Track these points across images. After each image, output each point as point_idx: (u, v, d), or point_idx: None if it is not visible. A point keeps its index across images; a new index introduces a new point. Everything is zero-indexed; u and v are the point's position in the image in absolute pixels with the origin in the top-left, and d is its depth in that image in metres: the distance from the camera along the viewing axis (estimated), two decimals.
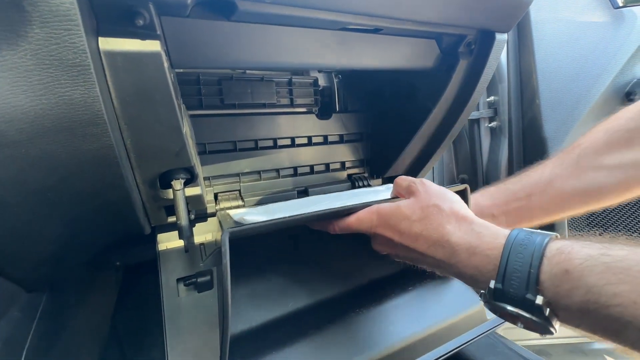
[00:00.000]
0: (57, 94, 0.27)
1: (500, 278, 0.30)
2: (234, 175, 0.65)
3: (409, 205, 0.40)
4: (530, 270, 0.28)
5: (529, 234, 0.31)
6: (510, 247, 0.31)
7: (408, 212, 0.39)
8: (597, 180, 0.47)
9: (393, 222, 0.40)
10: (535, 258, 0.28)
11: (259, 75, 0.68)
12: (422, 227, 0.37)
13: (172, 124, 0.38)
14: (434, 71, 0.61)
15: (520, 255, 0.29)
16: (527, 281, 0.28)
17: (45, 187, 0.31)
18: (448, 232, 0.36)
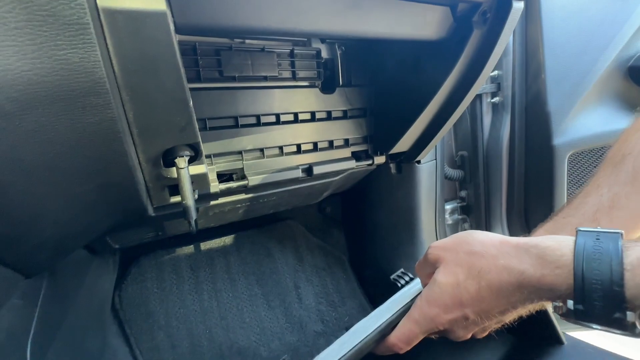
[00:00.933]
0: (53, 56, 0.23)
1: (579, 299, 0.27)
2: (236, 152, 0.62)
3: (443, 274, 0.35)
4: (614, 289, 0.26)
5: (595, 240, 0.28)
6: (583, 263, 0.27)
7: (449, 280, 0.34)
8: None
9: (446, 302, 0.34)
10: (615, 273, 0.26)
11: (259, 46, 0.64)
12: (476, 281, 0.33)
13: (178, 95, 0.34)
14: (445, 42, 0.58)
15: (596, 272, 0.26)
16: (612, 300, 0.26)
17: (41, 164, 0.28)
18: (505, 267, 0.31)
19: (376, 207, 0.96)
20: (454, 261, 0.35)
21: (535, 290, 0.30)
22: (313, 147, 0.71)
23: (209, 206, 0.65)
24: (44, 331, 0.39)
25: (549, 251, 0.30)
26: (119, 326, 0.72)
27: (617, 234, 0.29)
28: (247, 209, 0.74)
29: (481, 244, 0.34)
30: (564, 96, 0.80)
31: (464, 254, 0.35)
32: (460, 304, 0.34)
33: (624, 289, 0.25)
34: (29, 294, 0.38)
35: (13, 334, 0.34)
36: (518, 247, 0.32)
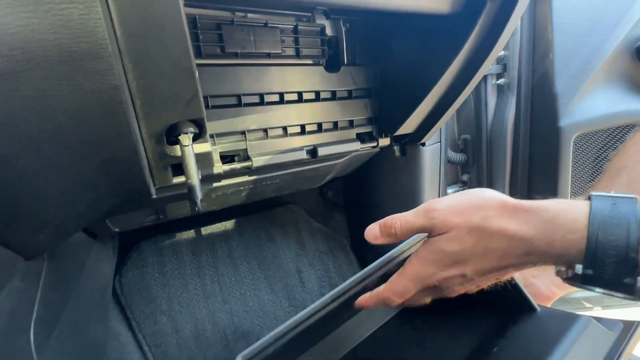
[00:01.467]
0: (51, 10, 0.21)
1: (589, 264, 0.27)
2: (239, 133, 0.60)
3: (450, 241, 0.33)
4: (629, 255, 0.25)
5: (612, 205, 0.27)
6: (598, 228, 0.27)
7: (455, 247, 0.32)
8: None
9: (446, 263, 0.33)
10: (633, 238, 0.25)
11: (261, 20, 0.61)
12: (483, 245, 0.31)
13: (184, 64, 0.32)
14: (456, 17, 0.56)
15: (612, 237, 0.26)
16: (625, 266, 0.25)
17: (42, 137, 0.26)
18: (516, 232, 0.30)
19: (379, 191, 0.95)
20: (465, 228, 0.32)
21: (542, 256, 0.30)
22: (317, 128, 0.69)
23: (211, 188, 0.63)
24: (47, 315, 0.38)
25: (561, 215, 0.29)
26: (121, 311, 0.71)
27: (634, 199, 0.28)
28: (250, 191, 0.73)
29: (493, 209, 0.32)
30: (571, 77, 0.79)
31: (478, 219, 0.32)
32: (462, 263, 0.32)
33: (639, 255, 0.25)
34: (29, 277, 0.37)
35: (16, 316, 0.32)
36: (531, 211, 0.31)
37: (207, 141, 0.46)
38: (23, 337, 0.33)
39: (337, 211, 1.05)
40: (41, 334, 0.36)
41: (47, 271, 0.40)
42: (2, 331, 0.30)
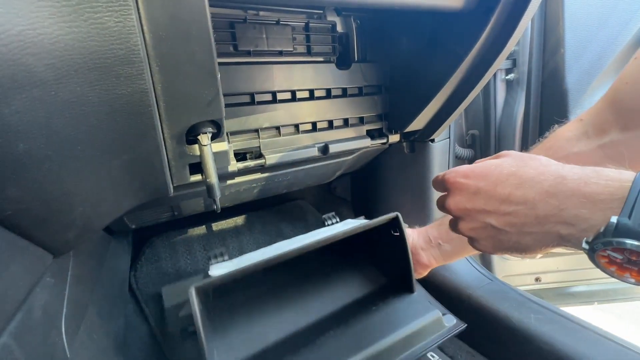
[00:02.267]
0: (89, 19, 0.22)
1: (627, 211, 0.25)
2: (252, 130, 0.61)
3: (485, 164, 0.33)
4: None
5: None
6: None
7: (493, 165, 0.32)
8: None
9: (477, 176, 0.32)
10: None
11: (273, 18, 0.61)
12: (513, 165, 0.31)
13: (207, 67, 0.33)
14: (469, 14, 0.55)
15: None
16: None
17: (75, 138, 0.27)
18: (548, 166, 0.29)
19: (387, 187, 0.96)
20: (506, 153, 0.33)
21: (573, 197, 0.27)
22: (328, 125, 0.70)
23: (225, 185, 0.64)
24: (75, 309, 0.39)
25: (609, 171, 0.27)
26: (137, 305, 0.73)
27: None
28: (262, 188, 0.74)
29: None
30: (582, 72, 0.79)
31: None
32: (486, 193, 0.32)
33: None
34: (58, 273, 0.38)
35: (48, 311, 0.34)
36: (583, 169, 0.29)
37: (225, 140, 0.47)
38: (56, 331, 0.35)
39: (345, 207, 1.06)
40: (71, 328, 0.37)
41: (73, 267, 0.42)
42: (38, 325, 0.32)
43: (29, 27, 0.19)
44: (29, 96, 0.21)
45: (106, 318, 0.48)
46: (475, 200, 0.33)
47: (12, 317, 0.28)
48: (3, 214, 0.26)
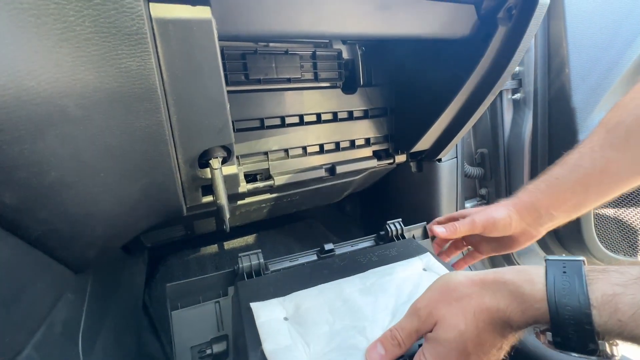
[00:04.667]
0: (114, 65, 0.25)
1: (556, 332, 0.29)
2: (262, 153, 0.64)
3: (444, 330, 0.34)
4: (585, 327, 0.28)
5: (562, 274, 0.30)
6: (555, 299, 0.29)
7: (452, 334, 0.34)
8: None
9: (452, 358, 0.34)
10: (584, 313, 0.28)
11: (282, 49, 0.65)
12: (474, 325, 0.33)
13: (217, 98, 0.36)
14: (469, 39, 0.58)
15: (568, 308, 0.29)
16: (584, 334, 0.28)
17: (99, 166, 0.30)
18: (492, 305, 0.33)
19: (396, 206, 0.96)
20: (449, 313, 0.35)
21: (521, 324, 0.32)
22: (335, 147, 0.72)
23: (236, 205, 0.67)
24: (92, 325, 0.42)
25: (525, 285, 0.31)
26: (150, 323, 0.75)
27: (580, 262, 0.31)
28: (272, 208, 0.76)
29: (464, 286, 0.35)
30: (589, 91, 0.79)
31: (454, 300, 0.35)
32: (466, 355, 0.34)
33: (593, 326, 0.28)
34: (78, 290, 0.41)
35: (68, 326, 0.36)
36: (497, 283, 0.33)
37: (235, 163, 0.50)
38: (73, 345, 0.37)
39: (355, 225, 1.07)
40: (88, 343, 0.39)
41: (91, 285, 0.44)
42: (58, 339, 0.34)
43: (64, 74, 0.23)
44: (61, 132, 0.25)
45: (120, 334, 0.50)
46: None
47: (36, 330, 0.31)
48: (33, 234, 0.29)
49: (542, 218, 0.51)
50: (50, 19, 0.21)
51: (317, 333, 0.39)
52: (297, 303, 0.43)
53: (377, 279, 0.48)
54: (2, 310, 0.26)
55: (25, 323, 0.29)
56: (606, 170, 0.46)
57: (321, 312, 0.42)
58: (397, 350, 0.36)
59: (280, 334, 0.38)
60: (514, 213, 0.52)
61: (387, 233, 0.62)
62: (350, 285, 0.47)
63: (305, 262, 0.56)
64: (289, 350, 0.36)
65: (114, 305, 0.51)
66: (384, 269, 0.50)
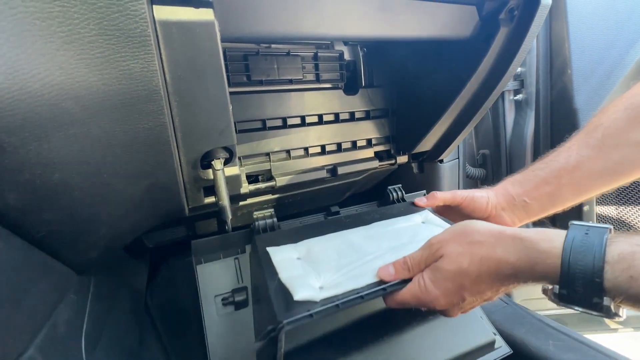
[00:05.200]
0: (118, 67, 0.25)
1: (564, 285, 0.31)
2: (263, 154, 0.64)
3: (447, 262, 0.37)
4: (594, 280, 0.29)
5: (584, 235, 0.31)
6: (570, 255, 0.31)
7: (453, 267, 0.37)
8: (624, 157, 0.47)
9: (448, 287, 0.37)
10: (597, 267, 0.29)
11: (284, 50, 0.65)
12: (477, 267, 0.36)
13: (220, 100, 0.36)
14: (471, 41, 0.58)
15: (581, 263, 0.30)
16: (592, 288, 0.29)
17: (103, 167, 0.30)
18: (503, 257, 0.35)
19: None
20: (456, 251, 0.37)
21: (528, 276, 0.34)
22: (337, 148, 0.72)
23: (237, 206, 0.67)
24: (94, 326, 0.42)
25: (542, 243, 0.33)
26: (152, 324, 0.75)
27: (605, 229, 0.32)
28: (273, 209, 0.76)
29: (480, 234, 0.37)
30: (591, 92, 0.79)
31: (466, 243, 0.37)
32: (461, 288, 0.37)
33: (603, 280, 0.29)
34: (80, 291, 0.41)
35: (71, 327, 0.36)
36: (514, 238, 0.35)
37: (237, 164, 0.50)
38: (76, 346, 0.37)
39: None
40: (90, 344, 0.39)
41: (94, 285, 0.44)
42: (61, 340, 0.34)
43: (68, 77, 0.23)
44: (65, 133, 0.25)
45: (123, 335, 0.51)
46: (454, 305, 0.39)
47: (39, 331, 0.31)
48: (37, 235, 0.29)
49: (516, 204, 0.54)
50: (55, 22, 0.21)
51: (325, 267, 0.44)
52: (308, 247, 0.49)
53: (380, 228, 0.54)
54: (6, 311, 0.26)
55: (29, 323, 0.29)
56: (579, 166, 0.49)
57: (329, 253, 0.47)
58: (405, 273, 0.41)
59: (294, 267, 0.44)
60: (492, 195, 0.56)
61: (389, 197, 0.67)
62: (355, 233, 0.52)
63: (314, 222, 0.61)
64: (301, 277, 0.41)
65: (116, 306, 0.51)
66: (386, 222, 0.55)
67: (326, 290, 0.39)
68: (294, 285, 0.40)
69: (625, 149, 0.46)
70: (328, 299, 0.38)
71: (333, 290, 0.39)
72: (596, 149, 0.48)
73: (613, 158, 0.47)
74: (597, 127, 0.49)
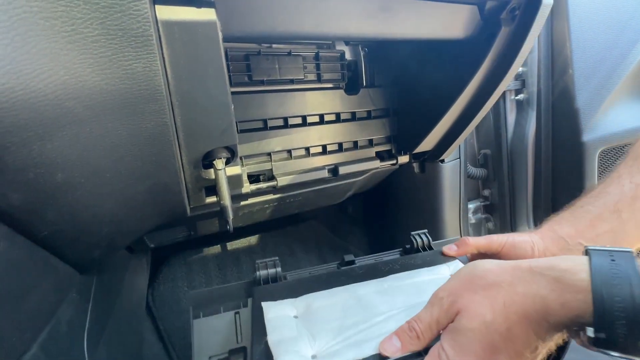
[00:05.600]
0: (121, 67, 0.25)
1: (600, 327, 0.25)
2: (265, 154, 0.64)
3: (467, 319, 0.30)
4: (638, 318, 0.24)
5: (611, 262, 0.26)
6: (602, 288, 0.25)
7: (476, 324, 0.30)
8: None
9: (477, 351, 0.29)
10: (639, 300, 0.24)
11: (285, 50, 0.65)
12: (504, 317, 0.29)
13: (221, 99, 0.36)
14: (472, 40, 0.58)
15: (618, 298, 0.25)
16: (637, 329, 0.24)
17: (105, 167, 0.30)
18: (526, 294, 0.29)
19: (399, 207, 0.96)
20: (474, 302, 0.31)
21: (561, 318, 0.27)
22: (338, 148, 0.72)
23: (239, 206, 0.67)
24: (96, 324, 0.42)
25: (566, 274, 0.28)
26: (153, 323, 0.75)
27: (630, 253, 0.27)
28: (274, 208, 0.76)
29: (493, 274, 0.31)
30: (593, 91, 0.79)
31: (481, 289, 0.31)
32: (493, 350, 0.29)
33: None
34: (83, 290, 0.41)
35: (73, 325, 0.36)
36: (532, 271, 0.29)
37: (238, 164, 0.50)
38: (78, 344, 0.37)
39: (357, 227, 1.07)
40: (92, 342, 0.39)
41: (96, 285, 0.45)
42: (63, 338, 0.34)
43: (71, 76, 0.23)
44: (68, 133, 0.25)
45: (124, 334, 0.51)
46: None
47: (42, 329, 0.31)
48: (40, 234, 0.30)
49: (570, 249, 0.45)
50: (59, 22, 0.21)
51: (325, 328, 0.38)
52: (308, 303, 0.42)
53: (397, 282, 0.45)
54: (10, 309, 0.26)
55: (32, 321, 0.29)
56: (637, 196, 0.42)
57: (333, 310, 0.41)
58: (415, 344, 0.33)
59: (287, 328, 0.38)
60: (537, 239, 0.46)
61: (413, 245, 0.57)
62: (366, 287, 0.44)
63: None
64: (293, 341, 0.35)
65: (118, 306, 0.52)
66: (406, 274, 0.47)
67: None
68: (280, 352, 0.34)
69: None
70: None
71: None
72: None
73: None
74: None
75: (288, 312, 0.41)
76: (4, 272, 0.26)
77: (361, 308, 0.40)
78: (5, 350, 0.25)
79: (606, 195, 0.43)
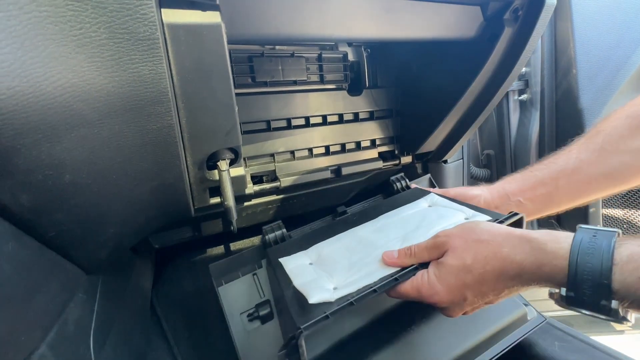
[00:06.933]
0: (128, 70, 0.26)
1: (571, 287, 0.30)
2: (268, 155, 0.64)
3: (452, 257, 0.37)
4: (602, 281, 0.29)
5: (592, 237, 0.31)
6: (577, 256, 0.30)
7: (457, 262, 0.37)
8: (622, 163, 0.47)
9: (450, 282, 0.37)
10: (605, 268, 0.29)
11: (289, 51, 0.66)
12: (481, 265, 0.35)
13: (226, 101, 0.37)
14: (475, 41, 0.58)
15: (589, 264, 0.29)
16: (600, 290, 0.29)
17: (112, 168, 0.31)
18: (508, 256, 0.34)
19: None
20: (462, 247, 0.37)
21: (534, 278, 0.33)
22: (341, 149, 0.72)
23: (242, 207, 0.67)
24: (102, 325, 0.42)
25: (550, 244, 0.33)
26: (158, 324, 0.75)
27: (614, 232, 0.31)
28: (277, 209, 0.76)
29: (489, 233, 0.37)
30: (597, 92, 0.78)
31: (472, 241, 0.37)
32: (463, 286, 0.36)
33: (611, 281, 0.29)
34: (89, 290, 0.41)
35: (80, 326, 0.37)
36: (522, 238, 0.35)
37: (241, 165, 0.50)
38: (85, 344, 0.37)
39: None
40: (98, 343, 0.40)
41: (102, 285, 0.45)
42: (70, 338, 0.35)
43: (80, 79, 0.23)
44: (76, 135, 0.25)
45: (129, 334, 0.51)
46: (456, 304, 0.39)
47: (50, 329, 0.31)
48: (48, 235, 0.30)
49: (510, 203, 0.55)
50: (68, 26, 0.22)
51: (337, 267, 0.45)
52: (318, 251, 0.50)
53: (387, 219, 0.55)
54: (19, 308, 0.26)
55: (40, 321, 0.30)
56: (577, 169, 0.49)
57: (340, 253, 0.49)
58: (407, 259, 0.41)
59: (307, 273, 0.45)
60: (486, 192, 0.56)
61: (393, 187, 0.68)
62: (364, 228, 0.54)
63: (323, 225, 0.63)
64: (315, 281, 0.43)
65: (123, 306, 0.52)
66: (393, 212, 0.57)
67: (340, 290, 0.40)
68: (308, 289, 0.40)
69: (625, 155, 0.47)
70: (343, 297, 0.38)
71: (347, 289, 0.40)
72: (595, 153, 0.49)
73: (612, 163, 0.48)
74: (598, 133, 0.50)
75: (304, 261, 0.49)
76: (14, 272, 0.26)
77: (363, 246, 0.49)
78: (14, 349, 0.26)
79: (553, 165, 0.52)
